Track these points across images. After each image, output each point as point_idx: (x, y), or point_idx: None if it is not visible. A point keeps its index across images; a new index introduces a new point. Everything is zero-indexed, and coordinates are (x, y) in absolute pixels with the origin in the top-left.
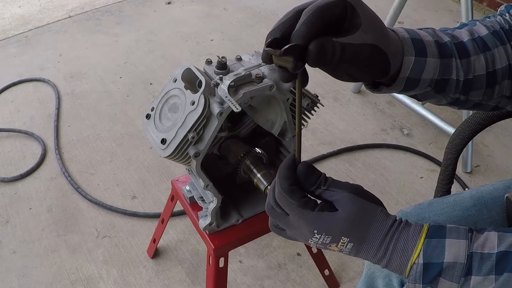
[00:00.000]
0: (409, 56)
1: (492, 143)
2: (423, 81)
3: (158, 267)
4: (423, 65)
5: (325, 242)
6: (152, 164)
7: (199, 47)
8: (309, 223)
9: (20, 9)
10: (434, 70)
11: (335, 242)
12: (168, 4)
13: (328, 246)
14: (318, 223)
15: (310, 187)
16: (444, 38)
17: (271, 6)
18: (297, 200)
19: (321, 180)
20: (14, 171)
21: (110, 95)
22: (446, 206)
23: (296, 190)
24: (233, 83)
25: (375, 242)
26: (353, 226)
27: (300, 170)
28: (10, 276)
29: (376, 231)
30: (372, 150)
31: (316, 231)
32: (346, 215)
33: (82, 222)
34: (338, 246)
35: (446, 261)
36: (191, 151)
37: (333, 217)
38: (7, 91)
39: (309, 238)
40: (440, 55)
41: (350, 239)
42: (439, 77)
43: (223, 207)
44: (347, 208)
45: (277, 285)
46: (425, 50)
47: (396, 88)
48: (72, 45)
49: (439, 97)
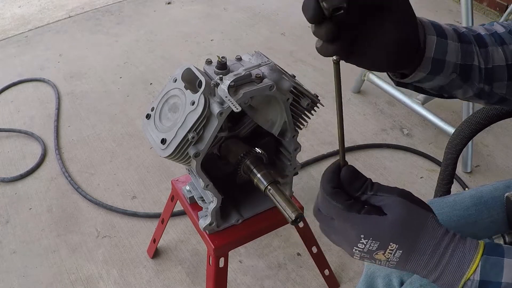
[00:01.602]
0: (431, 36)
1: (492, 143)
2: (447, 64)
3: (158, 267)
4: (445, 46)
5: (371, 249)
6: (152, 164)
7: (199, 47)
8: (356, 227)
9: (20, 9)
10: (456, 53)
11: (383, 249)
12: (168, 4)
13: (374, 255)
14: (365, 226)
15: (355, 192)
16: (461, 28)
17: (271, 6)
18: (342, 202)
19: (367, 185)
20: (14, 171)
21: (110, 95)
22: (446, 205)
23: (340, 193)
24: (233, 83)
25: (427, 251)
26: (403, 231)
27: (344, 175)
28: (10, 276)
29: (428, 239)
30: (372, 150)
31: (363, 236)
32: (396, 219)
33: (82, 222)
34: (385, 254)
35: (504, 281)
36: (191, 151)
37: (382, 220)
38: (7, 91)
39: (355, 244)
40: (459, 39)
41: (399, 245)
42: (462, 61)
43: (223, 207)
44: (397, 211)
45: (277, 285)
46: (444, 33)
47: (424, 69)
48: (72, 45)
49: (465, 87)
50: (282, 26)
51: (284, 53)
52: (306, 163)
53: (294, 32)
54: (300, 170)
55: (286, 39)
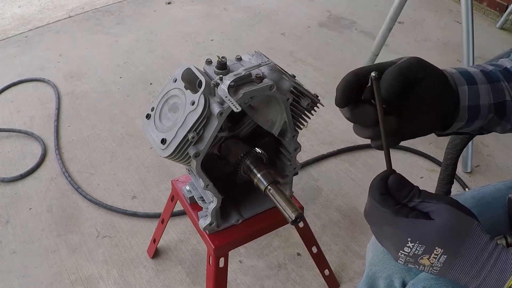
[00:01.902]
0: (462, 86)
1: (492, 143)
2: (483, 107)
3: (158, 267)
4: (476, 91)
5: (417, 253)
6: (152, 164)
7: (199, 47)
8: (403, 230)
9: (20, 9)
10: (488, 95)
11: (428, 253)
12: (168, 4)
13: (419, 259)
14: (412, 230)
15: (403, 199)
16: (488, 67)
17: (271, 6)
18: (389, 207)
19: (415, 193)
20: (14, 171)
21: (110, 95)
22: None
23: (388, 199)
24: (233, 83)
25: (470, 258)
26: (450, 236)
27: (391, 182)
28: (10, 276)
29: (472, 246)
30: (372, 150)
31: (410, 239)
32: (443, 224)
33: (82, 222)
34: (430, 259)
35: None
36: (191, 151)
37: (429, 225)
38: (7, 91)
39: (402, 248)
40: (488, 80)
41: (444, 250)
42: (495, 100)
43: (223, 207)
44: (444, 217)
45: (277, 285)
46: (473, 78)
47: (462, 118)
48: (72, 45)
49: (503, 124)
50: (282, 26)
51: (284, 53)
52: (306, 163)
53: (294, 32)
54: (300, 170)
55: (286, 39)
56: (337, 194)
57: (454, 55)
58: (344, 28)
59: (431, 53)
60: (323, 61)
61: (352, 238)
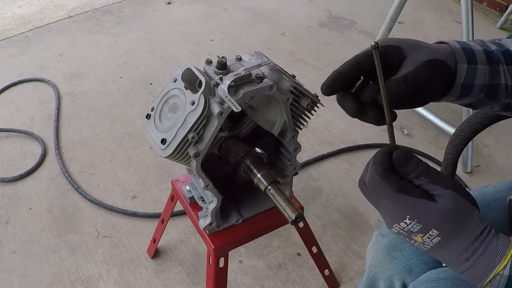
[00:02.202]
0: (461, 64)
1: (492, 143)
2: (476, 87)
3: (158, 267)
4: (474, 71)
5: (412, 230)
6: (152, 164)
7: (199, 47)
8: (404, 208)
9: (20, 9)
10: (484, 76)
11: (423, 232)
12: (168, 4)
13: (412, 236)
14: (413, 209)
15: (408, 175)
16: (491, 46)
17: (271, 6)
18: (393, 183)
19: (422, 171)
20: (14, 171)
21: (110, 95)
22: None
23: (391, 174)
24: (233, 83)
25: (464, 243)
26: (449, 222)
27: (397, 157)
28: (10, 276)
29: (468, 233)
30: (372, 150)
31: (409, 217)
32: (445, 211)
33: (82, 222)
34: (423, 238)
35: None
36: (191, 151)
37: (431, 207)
38: (7, 91)
39: (398, 222)
40: (488, 61)
41: (440, 233)
42: (489, 82)
43: (223, 207)
44: (448, 204)
45: (277, 285)
46: (475, 57)
47: (453, 94)
48: (72, 45)
49: (492, 104)
50: (282, 26)
51: (284, 53)
52: (306, 163)
53: (294, 32)
54: (300, 170)
55: (286, 39)
56: (337, 194)
57: None
58: (344, 28)
59: None
60: (323, 61)
61: (352, 238)
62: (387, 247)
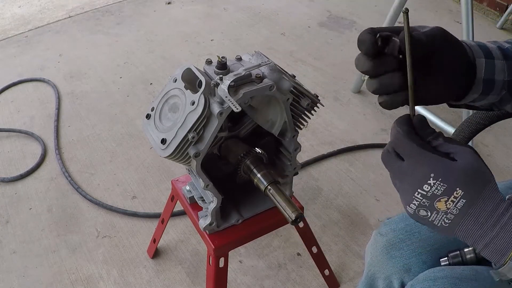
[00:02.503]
0: (480, 58)
1: (492, 143)
2: (497, 82)
3: (158, 267)
4: (493, 66)
5: (436, 192)
6: (152, 164)
7: (199, 47)
8: (428, 164)
9: (20, 9)
10: (503, 72)
11: (447, 194)
12: (168, 4)
13: (435, 202)
14: (437, 165)
15: (427, 137)
16: (504, 45)
17: (271, 6)
18: (416, 140)
19: (439, 134)
20: (14, 171)
21: (110, 95)
22: None
23: (414, 133)
24: (233, 83)
25: (487, 208)
26: (472, 178)
27: (416, 121)
28: (10, 276)
29: (489, 197)
30: (372, 150)
31: (433, 175)
32: (468, 165)
33: (82, 222)
34: (447, 203)
35: None
36: (191, 151)
37: (453, 164)
38: (7, 91)
39: (421, 186)
40: (504, 57)
41: (464, 193)
42: (509, 78)
43: (223, 207)
44: (468, 159)
45: (277, 285)
46: (491, 52)
47: (476, 90)
48: (72, 45)
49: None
50: (282, 26)
51: (284, 53)
52: (306, 163)
53: (294, 32)
54: (300, 170)
55: (286, 39)
56: (337, 194)
57: None
58: (344, 28)
59: None
60: (323, 61)
61: (352, 238)
62: (386, 246)
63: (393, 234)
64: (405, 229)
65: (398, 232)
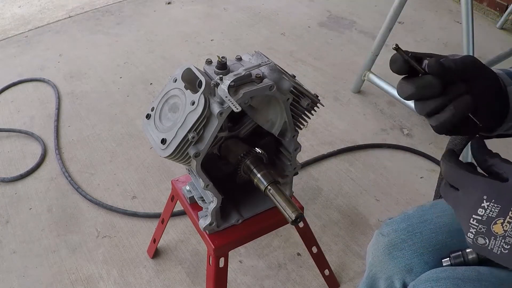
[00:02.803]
0: (510, 86)
1: (492, 143)
2: None
3: (158, 267)
4: None
5: (491, 215)
6: (152, 164)
7: (199, 47)
8: (480, 188)
9: (20, 9)
10: None
11: (503, 215)
12: (168, 4)
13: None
14: (489, 187)
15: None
16: None
17: (271, 6)
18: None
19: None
20: (14, 171)
21: (110, 95)
22: (449, 207)
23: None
24: (233, 83)
25: None
26: None
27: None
28: (10, 276)
29: None
30: (372, 150)
31: (486, 197)
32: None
33: (82, 222)
34: (504, 224)
35: None
36: (191, 151)
37: (505, 184)
38: (7, 91)
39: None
40: None
41: None
42: None
43: (223, 207)
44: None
45: (277, 285)
46: None
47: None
48: (72, 45)
49: None
50: (282, 26)
51: (284, 53)
52: (306, 163)
53: (294, 32)
54: (300, 170)
55: (286, 39)
56: (337, 194)
57: None
58: (344, 28)
59: None
60: (323, 61)
61: (352, 238)
62: (387, 246)
63: (395, 235)
64: (407, 229)
65: (399, 232)
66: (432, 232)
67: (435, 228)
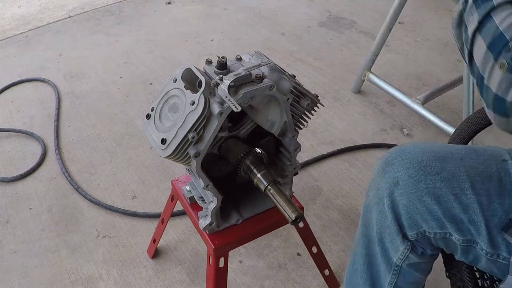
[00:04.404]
0: None
1: (492, 143)
2: None
3: (158, 267)
4: None
5: None
6: (152, 164)
7: (199, 47)
8: None
9: (20, 9)
10: None
11: None
12: (168, 4)
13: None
14: None
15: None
16: None
17: (271, 6)
18: None
19: None
20: (14, 171)
21: (110, 95)
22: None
23: None
24: (233, 83)
25: None
26: None
27: None
28: (10, 276)
29: None
30: (372, 150)
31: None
32: None
33: (82, 222)
34: None
35: None
36: (191, 151)
37: None
38: (7, 91)
39: None
40: None
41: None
42: None
43: (223, 207)
44: None
45: (277, 285)
46: None
47: None
48: (72, 45)
49: None
50: (282, 26)
51: (284, 53)
52: (306, 163)
53: (294, 32)
54: (300, 170)
55: (286, 39)
56: (337, 194)
57: (454, 55)
58: (344, 28)
59: (431, 53)
60: (323, 61)
61: (352, 238)
62: (382, 165)
63: (388, 155)
64: (399, 150)
65: (391, 152)
66: (419, 153)
67: (422, 151)
